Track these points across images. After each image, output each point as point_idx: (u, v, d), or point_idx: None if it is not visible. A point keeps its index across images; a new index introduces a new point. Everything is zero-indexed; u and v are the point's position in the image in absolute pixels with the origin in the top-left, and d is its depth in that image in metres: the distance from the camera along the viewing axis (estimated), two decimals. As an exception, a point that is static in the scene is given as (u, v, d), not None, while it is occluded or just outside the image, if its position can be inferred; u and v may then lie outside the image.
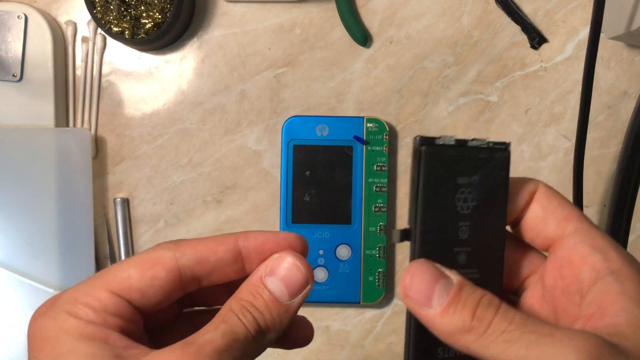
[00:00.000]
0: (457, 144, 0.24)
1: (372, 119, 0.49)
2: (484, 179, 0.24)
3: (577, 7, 0.49)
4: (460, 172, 0.24)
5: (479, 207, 0.24)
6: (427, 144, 0.24)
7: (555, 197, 0.25)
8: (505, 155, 0.25)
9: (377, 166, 0.49)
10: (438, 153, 0.24)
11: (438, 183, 0.24)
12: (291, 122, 0.49)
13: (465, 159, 0.24)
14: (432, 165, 0.24)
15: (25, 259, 0.48)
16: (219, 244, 0.24)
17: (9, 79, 0.48)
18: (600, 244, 0.23)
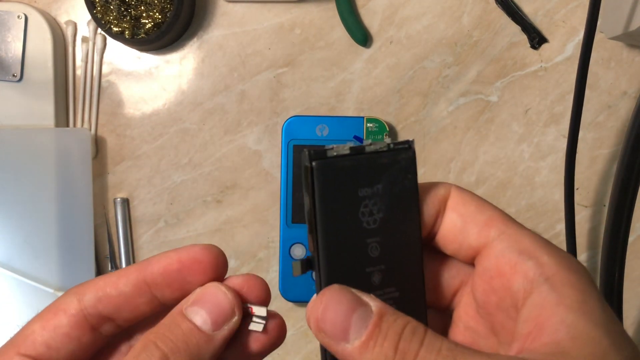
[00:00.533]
0: (352, 152, 0.21)
1: (372, 119, 0.49)
2: (388, 186, 0.22)
3: (577, 7, 0.49)
4: (361, 183, 0.21)
5: (388, 219, 0.22)
6: (317, 159, 0.21)
7: (471, 201, 0.23)
8: (410, 155, 0.22)
9: None
10: (331, 166, 0.21)
11: (335, 200, 0.21)
12: (291, 122, 0.49)
13: (364, 167, 0.21)
14: (325, 181, 0.21)
15: (25, 259, 0.48)
16: (119, 277, 0.22)
17: (8, 79, 0.48)
18: (530, 246, 0.21)
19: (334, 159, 0.21)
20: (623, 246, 0.44)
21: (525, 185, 0.50)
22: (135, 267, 0.23)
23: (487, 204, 0.23)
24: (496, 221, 0.22)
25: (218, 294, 0.22)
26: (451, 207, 0.23)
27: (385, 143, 0.22)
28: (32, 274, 0.48)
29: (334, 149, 0.21)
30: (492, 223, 0.22)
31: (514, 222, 0.22)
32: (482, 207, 0.22)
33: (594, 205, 0.50)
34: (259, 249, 0.51)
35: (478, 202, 0.23)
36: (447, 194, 0.23)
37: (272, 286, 0.50)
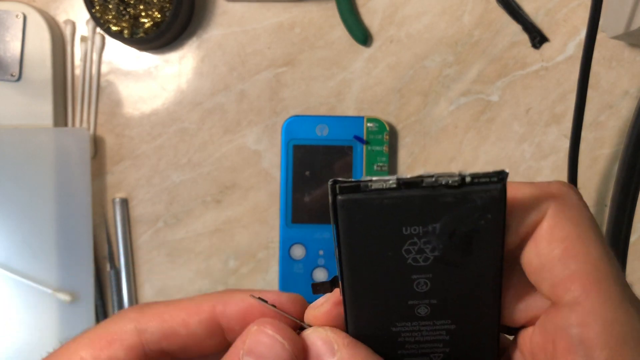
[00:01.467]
0: (401, 183, 0.17)
1: (372, 119, 0.48)
2: (449, 226, 0.17)
3: (579, 7, 0.49)
4: (407, 222, 0.17)
5: (445, 258, 0.18)
6: (345, 192, 0.17)
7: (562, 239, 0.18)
8: (495, 192, 0.17)
9: (377, 166, 0.49)
10: (363, 204, 0.17)
11: (368, 238, 0.18)
12: (291, 121, 0.49)
13: (415, 206, 0.17)
14: (354, 221, 0.17)
15: (23, 259, 0.47)
16: (191, 314, 0.20)
17: (7, 78, 0.48)
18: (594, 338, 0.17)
19: (368, 195, 0.17)
20: (625, 246, 0.43)
21: (526, 185, 0.50)
22: (208, 303, 0.20)
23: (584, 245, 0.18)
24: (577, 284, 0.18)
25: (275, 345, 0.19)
26: (536, 238, 0.18)
27: (457, 176, 0.17)
28: (30, 274, 0.47)
29: (372, 182, 0.17)
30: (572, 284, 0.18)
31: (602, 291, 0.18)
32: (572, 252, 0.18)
33: (595, 205, 0.50)
34: (259, 249, 0.50)
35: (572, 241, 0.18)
36: (540, 219, 0.18)
37: (271, 287, 0.50)
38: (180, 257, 0.51)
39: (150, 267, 0.51)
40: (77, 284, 0.48)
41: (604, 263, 0.18)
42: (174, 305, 0.20)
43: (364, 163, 0.48)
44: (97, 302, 0.49)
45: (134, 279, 0.51)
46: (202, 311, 0.20)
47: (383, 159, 0.49)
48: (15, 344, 0.47)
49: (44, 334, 0.47)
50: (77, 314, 0.48)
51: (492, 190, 0.17)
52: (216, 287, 0.51)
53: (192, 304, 0.20)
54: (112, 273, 0.50)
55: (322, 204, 0.49)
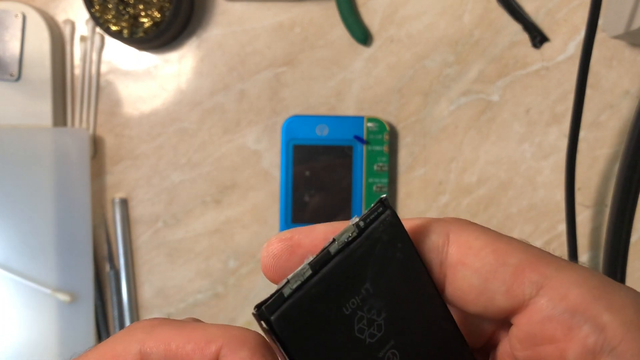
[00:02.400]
0: (315, 268, 0.17)
1: (372, 119, 0.48)
2: (378, 277, 0.17)
3: (579, 6, 0.49)
4: (342, 300, 0.17)
5: (394, 313, 0.17)
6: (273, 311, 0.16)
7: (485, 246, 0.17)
8: (388, 219, 0.17)
9: (377, 166, 0.48)
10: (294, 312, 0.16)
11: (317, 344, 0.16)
12: (291, 121, 0.48)
13: (338, 279, 0.17)
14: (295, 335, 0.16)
15: (23, 260, 0.47)
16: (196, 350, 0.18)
17: (6, 78, 0.48)
18: (582, 301, 0.16)
19: (294, 297, 0.16)
20: (625, 246, 0.43)
21: (527, 185, 0.50)
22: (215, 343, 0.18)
23: (507, 244, 0.17)
24: (527, 271, 0.17)
25: None
26: (459, 260, 0.17)
27: (352, 227, 0.17)
28: (30, 275, 0.47)
29: (290, 282, 0.16)
30: (523, 276, 0.17)
31: (551, 265, 0.17)
32: (502, 252, 0.17)
33: (595, 206, 0.50)
34: (259, 249, 0.50)
35: (494, 245, 0.17)
36: (444, 239, 0.18)
37: (271, 287, 0.50)
38: (180, 258, 0.51)
39: (150, 268, 0.51)
40: (76, 284, 0.48)
41: (531, 247, 0.17)
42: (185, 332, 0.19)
43: (364, 163, 0.48)
44: (97, 302, 0.49)
45: (133, 279, 0.51)
46: (209, 351, 0.18)
47: (383, 159, 0.48)
48: (15, 344, 0.47)
49: (44, 334, 0.47)
50: (77, 314, 0.47)
51: (386, 218, 0.17)
52: (216, 288, 0.50)
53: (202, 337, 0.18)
54: (111, 273, 0.50)
55: (323, 204, 0.49)
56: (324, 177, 0.49)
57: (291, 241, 0.18)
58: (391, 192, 0.50)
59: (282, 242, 0.18)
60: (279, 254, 0.18)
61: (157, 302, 0.51)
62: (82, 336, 0.48)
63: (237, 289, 0.50)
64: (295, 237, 0.18)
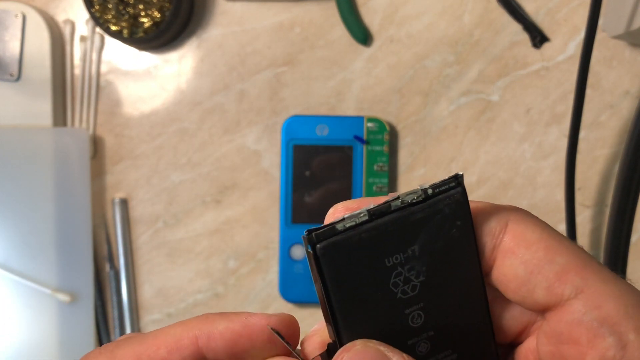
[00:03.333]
0: (372, 216, 0.17)
1: (372, 119, 0.48)
2: (428, 244, 0.18)
3: (579, 6, 0.49)
4: (387, 252, 0.17)
5: (432, 280, 0.18)
6: (322, 240, 0.17)
7: (539, 241, 0.18)
8: (457, 196, 0.18)
9: (377, 166, 0.48)
10: (342, 246, 0.17)
11: (353, 282, 0.17)
12: (291, 121, 0.48)
13: (390, 233, 0.17)
14: (337, 267, 0.17)
15: (23, 260, 0.47)
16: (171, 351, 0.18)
17: (6, 78, 0.48)
18: (615, 315, 0.17)
19: (345, 235, 0.17)
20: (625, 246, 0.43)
21: (527, 185, 0.50)
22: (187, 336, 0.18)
23: (560, 242, 0.18)
24: (572, 273, 0.17)
25: None
26: (510, 248, 0.18)
27: (420, 191, 0.17)
28: (29, 275, 0.47)
29: (345, 220, 0.17)
30: (567, 277, 0.17)
31: (595, 273, 0.17)
32: (553, 249, 0.18)
33: (596, 206, 0.50)
34: (259, 249, 0.50)
35: (547, 241, 0.18)
36: (502, 227, 0.18)
37: (272, 287, 0.50)
38: (180, 258, 0.51)
39: (150, 268, 0.51)
40: (76, 284, 0.48)
41: (582, 251, 0.18)
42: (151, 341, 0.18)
43: (364, 163, 0.48)
44: (97, 302, 0.49)
45: (133, 279, 0.51)
46: (183, 347, 0.18)
47: (383, 159, 0.48)
48: (15, 344, 0.47)
49: (44, 334, 0.47)
50: (77, 314, 0.47)
51: (455, 195, 0.18)
52: (216, 288, 0.50)
53: (171, 338, 0.18)
54: (111, 273, 0.50)
55: (323, 204, 0.49)
56: (324, 177, 0.49)
57: (358, 208, 0.18)
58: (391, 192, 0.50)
59: (349, 210, 0.19)
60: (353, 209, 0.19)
61: (157, 302, 0.51)
62: (82, 336, 0.48)
63: (237, 289, 0.50)
64: (362, 206, 0.18)
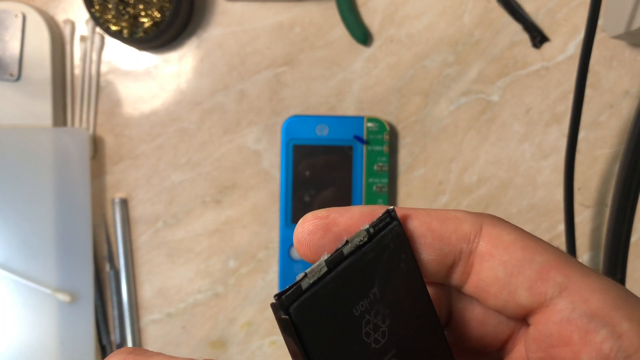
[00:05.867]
0: (330, 266, 0.17)
1: (372, 119, 0.48)
2: (384, 283, 0.18)
3: (579, 6, 0.49)
4: (353, 300, 0.17)
5: (396, 324, 0.18)
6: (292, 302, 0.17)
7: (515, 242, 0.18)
8: (395, 229, 0.18)
9: (377, 166, 0.48)
10: (311, 305, 0.17)
11: (330, 342, 0.17)
12: (291, 121, 0.48)
13: (350, 279, 0.17)
14: (312, 328, 0.17)
15: (23, 260, 0.47)
16: None
17: (6, 78, 0.48)
18: (603, 307, 0.16)
19: (311, 291, 0.17)
20: (625, 246, 0.43)
21: (527, 185, 0.50)
22: None
23: (537, 243, 0.18)
24: (553, 271, 0.17)
25: None
26: (487, 252, 0.18)
27: (363, 232, 0.18)
28: (30, 275, 0.47)
29: (307, 276, 0.17)
30: (548, 275, 0.17)
31: (577, 269, 0.17)
32: (531, 250, 0.17)
33: (596, 206, 0.50)
34: (259, 249, 0.50)
35: (524, 242, 0.18)
36: (476, 231, 0.18)
37: (271, 287, 0.50)
38: (180, 258, 0.51)
39: (150, 267, 0.51)
40: (76, 284, 0.48)
41: (560, 250, 0.18)
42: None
43: (364, 163, 0.48)
44: (97, 302, 0.49)
45: (133, 279, 0.51)
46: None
47: (383, 159, 0.48)
48: (15, 344, 0.47)
49: (44, 334, 0.47)
50: (77, 314, 0.47)
51: (394, 228, 0.18)
52: (216, 288, 0.50)
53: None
54: (111, 273, 0.50)
55: (323, 204, 0.49)
56: (324, 177, 0.49)
57: (327, 219, 0.18)
58: (391, 192, 0.50)
59: (318, 219, 0.18)
60: (314, 231, 0.18)
61: (157, 302, 0.51)
62: (82, 336, 0.48)
63: (237, 289, 0.50)
64: (331, 215, 0.18)
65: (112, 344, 0.50)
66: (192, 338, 0.51)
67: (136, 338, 0.50)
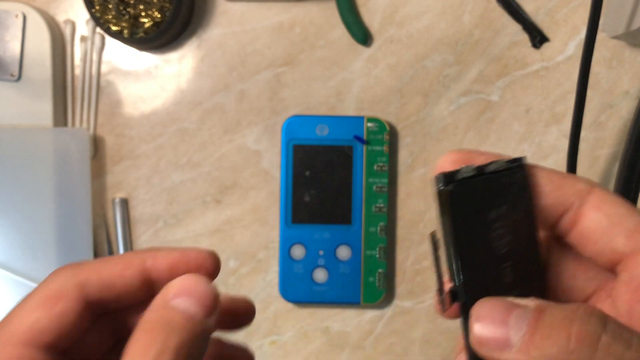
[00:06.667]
0: (477, 172, 0.21)
1: (372, 119, 0.48)
2: (511, 206, 0.22)
3: (579, 6, 0.49)
4: (489, 206, 0.21)
5: (515, 241, 0.22)
6: (450, 182, 0.21)
7: (619, 202, 0.21)
8: (524, 173, 0.22)
9: (377, 166, 0.49)
10: (463, 190, 0.21)
11: (472, 225, 0.21)
12: (291, 121, 0.49)
13: (489, 189, 0.21)
14: (462, 206, 0.21)
15: (23, 260, 0.47)
16: (125, 268, 0.22)
17: (7, 78, 0.48)
18: None
19: (463, 181, 0.21)
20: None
21: (527, 185, 0.50)
22: (138, 258, 0.23)
23: (636, 208, 0.21)
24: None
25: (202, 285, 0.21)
26: (595, 205, 0.21)
27: (503, 162, 0.22)
28: (30, 274, 0.47)
29: (462, 171, 0.21)
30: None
31: None
32: (631, 210, 0.21)
33: (595, 206, 0.50)
34: (259, 249, 0.50)
35: (626, 204, 0.21)
36: (588, 189, 0.21)
37: (271, 287, 0.50)
38: (180, 257, 0.51)
39: (150, 267, 0.51)
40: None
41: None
42: (107, 261, 0.22)
43: (364, 163, 0.48)
44: (97, 302, 0.49)
45: (133, 279, 0.51)
46: (134, 265, 0.22)
47: (383, 159, 0.49)
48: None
49: (44, 334, 0.47)
50: (77, 314, 0.48)
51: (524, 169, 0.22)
52: (216, 287, 0.51)
53: (124, 259, 0.22)
54: (112, 273, 0.50)
55: (323, 204, 0.49)
56: (324, 177, 0.49)
57: (469, 154, 0.22)
58: (391, 192, 0.50)
59: (462, 153, 0.22)
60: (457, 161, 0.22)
61: (158, 302, 0.51)
62: (83, 336, 0.48)
63: (237, 288, 0.50)
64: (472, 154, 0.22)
65: (113, 344, 0.50)
66: (193, 338, 0.51)
67: (136, 338, 0.50)
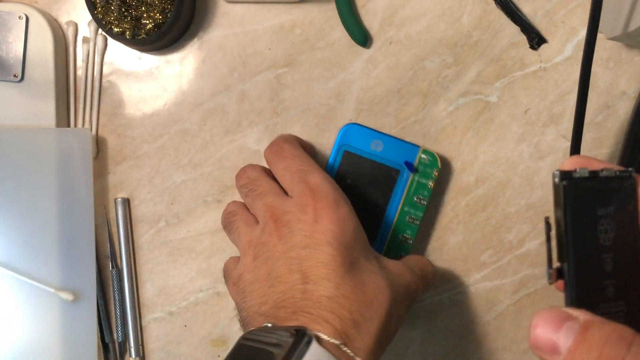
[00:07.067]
0: (590, 175, 0.26)
1: (427, 151, 0.48)
2: (618, 208, 0.25)
3: (577, 8, 0.49)
4: (598, 204, 0.25)
5: (618, 237, 0.25)
6: (566, 178, 0.25)
7: None
8: (632, 182, 0.26)
9: (417, 198, 0.48)
10: (577, 186, 0.25)
11: (582, 217, 0.25)
12: (349, 128, 0.48)
13: (600, 190, 0.25)
14: (575, 199, 0.25)
15: (25, 259, 0.48)
16: None
17: (10, 79, 0.48)
18: None
19: (578, 180, 0.25)
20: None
21: (525, 185, 0.50)
22: None
23: None
24: None
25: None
26: None
27: (613, 170, 0.26)
28: (32, 274, 0.48)
29: (577, 172, 0.25)
30: None
31: None
32: None
33: (593, 205, 0.50)
34: (259, 248, 0.51)
35: None
36: None
37: (272, 286, 0.50)
38: (182, 257, 0.51)
39: (152, 267, 0.51)
40: (79, 283, 0.48)
41: None
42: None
43: (406, 190, 0.48)
44: (99, 301, 0.50)
45: (135, 278, 0.51)
46: None
47: (425, 193, 0.48)
48: (18, 343, 0.48)
49: (47, 333, 0.48)
50: (80, 313, 0.48)
51: (632, 180, 0.26)
52: (217, 287, 0.51)
53: None
54: (114, 272, 0.50)
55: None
56: (363, 190, 0.48)
57: (587, 160, 0.27)
58: (421, 227, 0.50)
59: (582, 158, 0.27)
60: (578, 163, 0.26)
61: (159, 300, 0.51)
62: (85, 334, 0.48)
63: (238, 287, 0.51)
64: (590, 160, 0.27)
65: (114, 343, 0.51)
66: (194, 336, 0.51)
67: (138, 336, 0.51)
